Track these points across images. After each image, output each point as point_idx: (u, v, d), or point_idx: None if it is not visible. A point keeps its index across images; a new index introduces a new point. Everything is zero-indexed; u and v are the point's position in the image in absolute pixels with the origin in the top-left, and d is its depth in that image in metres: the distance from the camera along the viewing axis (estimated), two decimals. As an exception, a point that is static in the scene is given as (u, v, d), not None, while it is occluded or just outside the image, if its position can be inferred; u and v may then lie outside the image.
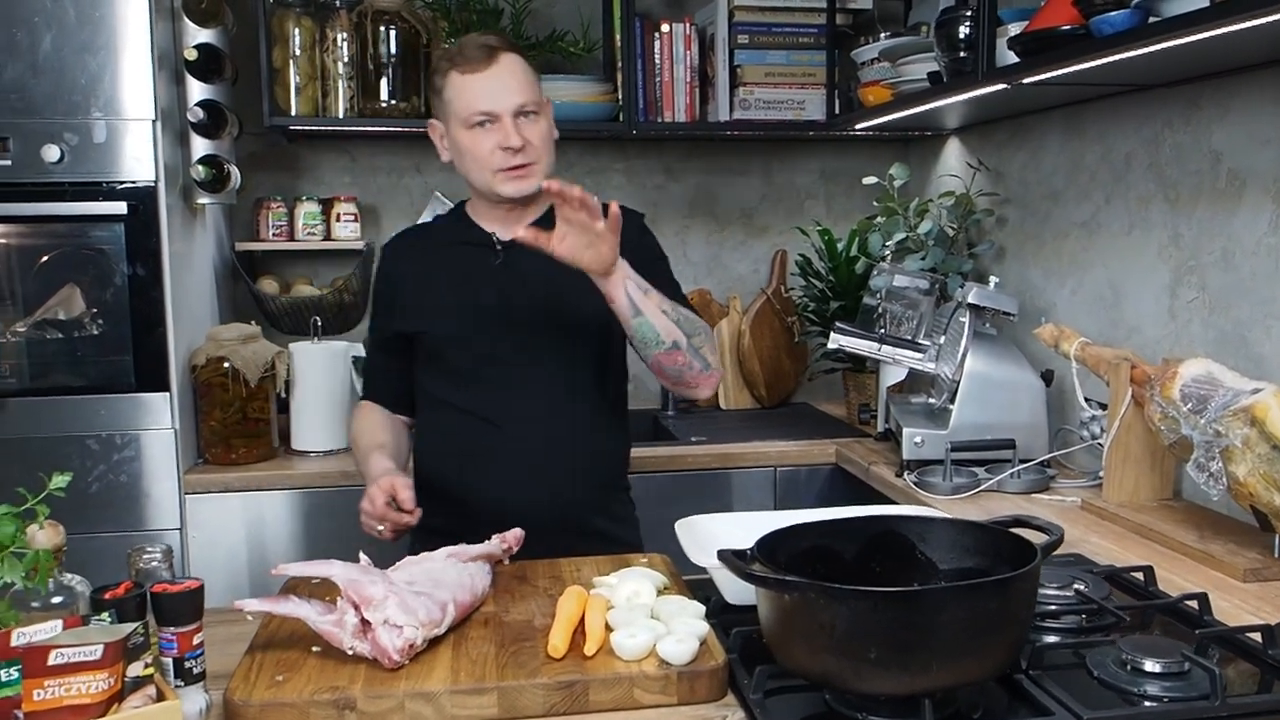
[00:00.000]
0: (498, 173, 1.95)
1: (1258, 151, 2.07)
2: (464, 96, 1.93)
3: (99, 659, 1.08)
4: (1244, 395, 1.77)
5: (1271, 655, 1.41)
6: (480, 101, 1.92)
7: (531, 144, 1.94)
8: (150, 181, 2.53)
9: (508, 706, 1.29)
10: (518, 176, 1.95)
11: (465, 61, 1.93)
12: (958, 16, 2.39)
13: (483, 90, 1.92)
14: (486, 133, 1.93)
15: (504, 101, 1.92)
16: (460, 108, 1.94)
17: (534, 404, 2.01)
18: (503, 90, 1.92)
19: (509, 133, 1.91)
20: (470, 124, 1.93)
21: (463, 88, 1.93)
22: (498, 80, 1.92)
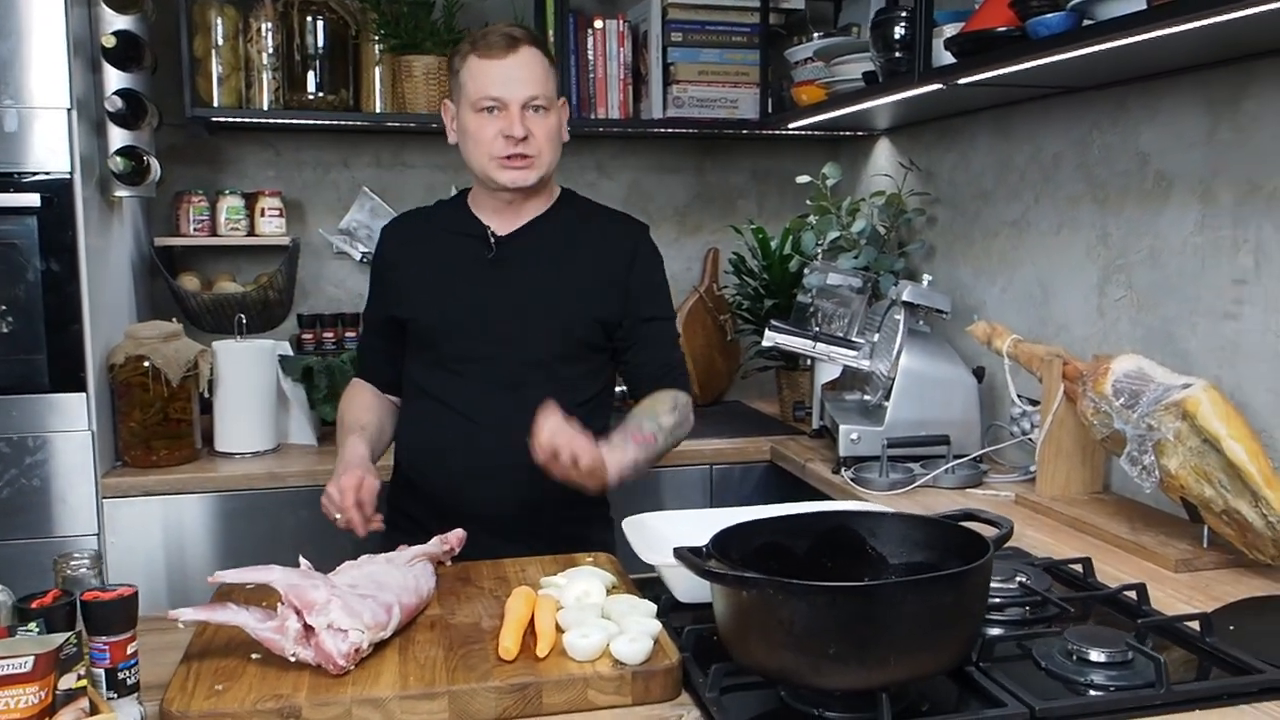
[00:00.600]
0: (495, 159, 1.95)
1: (1185, 153, 2.11)
2: (477, 80, 1.94)
3: (29, 671, 1.02)
4: (1175, 390, 1.80)
5: (1209, 643, 1.44)
6: (492, 87, 1.92)
7: (535, 137, 1.94)
8: (65, 173, 2.43)
9: (459, 711, 1.26)
10: (515, 167, 1.95)
11: (486, 47, 1.93)
12: (894, 17, 2.40)
13: (497, 77, 1.92)
14: (493, 119, 1.93)
15: (515, 91, 1.92)
16: (471, 90, 1.94)
17: (515, 402, 1.94)
18: (516, 80, 1.93)
19: (513, 121, 1.92)
20: (479, 108, 1.94)
21: (478, 71, 1.94)
22: (514, 69, 1.93)
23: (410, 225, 2.16)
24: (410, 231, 2.13)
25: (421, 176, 3.40)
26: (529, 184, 1.97)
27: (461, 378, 2.01)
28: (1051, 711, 1.25)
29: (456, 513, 1.92)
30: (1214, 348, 2.04)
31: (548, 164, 1.99)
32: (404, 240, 2.11)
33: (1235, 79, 1.98)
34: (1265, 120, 1.92)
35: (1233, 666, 1.38)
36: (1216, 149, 2.03)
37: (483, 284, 2.01)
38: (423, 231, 2.11)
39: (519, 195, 2.01)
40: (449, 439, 2.00)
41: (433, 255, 2.06)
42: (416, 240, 2.10)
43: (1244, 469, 1.68)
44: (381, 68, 3.10)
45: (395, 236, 2.14)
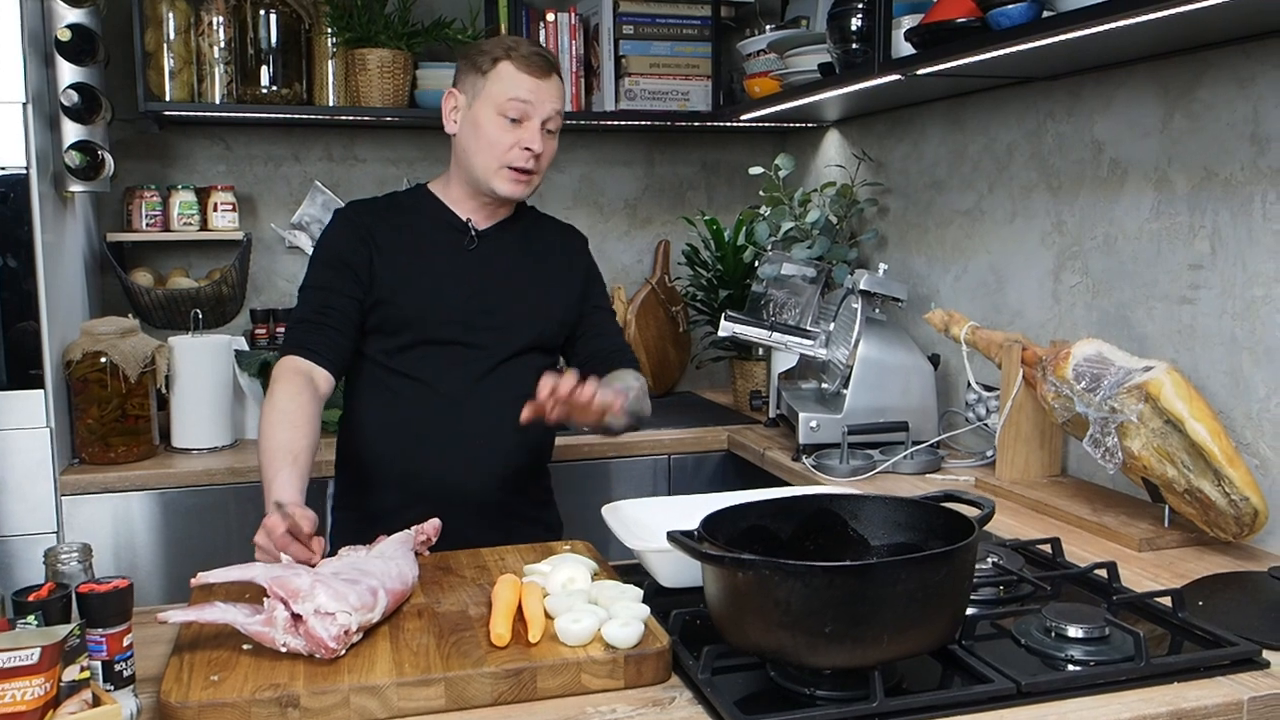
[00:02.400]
0: (504, 168, 1.99)
1: (1139, 141, 2.16)
2: (510, 84, 1.97)
3: (35, 663, 1.02)
4: (1137, 373, 1.85)
5: (1181, 618, 1.48)
6: (523, 92, 1.97)
7: (543, 156, 2.01)
8: (21, 168, 2.39)
9: (455, 697, 1.26)
10: (518, 180, 2.01)
11: (524, 60, 1.99)
12: (850, 9, 2.43)
13: (532, 88, 1.98)
14: (513, 129, 1.98)
15: (543, 107, 1.98)
16: (500, 92, 1.97)
17: (491, 388, 2.02)
18: (546, 98, 1.99)
19: (535, 135, 1.97)
20: (504, 112, 1.97)
21: (513, 77, 1.97)
22: (546, 89, 2.00)
23: (375, 211, 2.11)
24: (376, 215, 2.09)
25: (373, 170, 3.38)
26: (524, 197, 2.06)
27: (442, 361, 2.02)
28: (1037, 686, 1.28)
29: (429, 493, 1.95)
30: (1170, 331, 2.10)
31: (539, 182, 2.07)
32: (373, 223, 2.06)
33: (1189, 68, 2.03)
34: (1219, 109, 1.98)
35: (1205, 640, 1.42)
36: (1171, 137, 2.09)
37: (464, 271, 2.05)
38: (392, 218, 2.09)
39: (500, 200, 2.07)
40: (428, 421, 2.01)
41: (410, 241, 2.06)
42: (387, 226, 2.07)
43: (1206, 448, 1.73)
44: (335, 61, 3.07)
45: (362, 219, 2.07)
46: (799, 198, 3.07)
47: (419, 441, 2.02)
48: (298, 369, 1.93)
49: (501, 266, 2.08)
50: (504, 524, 2.02)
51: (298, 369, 1.93)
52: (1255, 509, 1.74)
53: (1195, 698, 1.29)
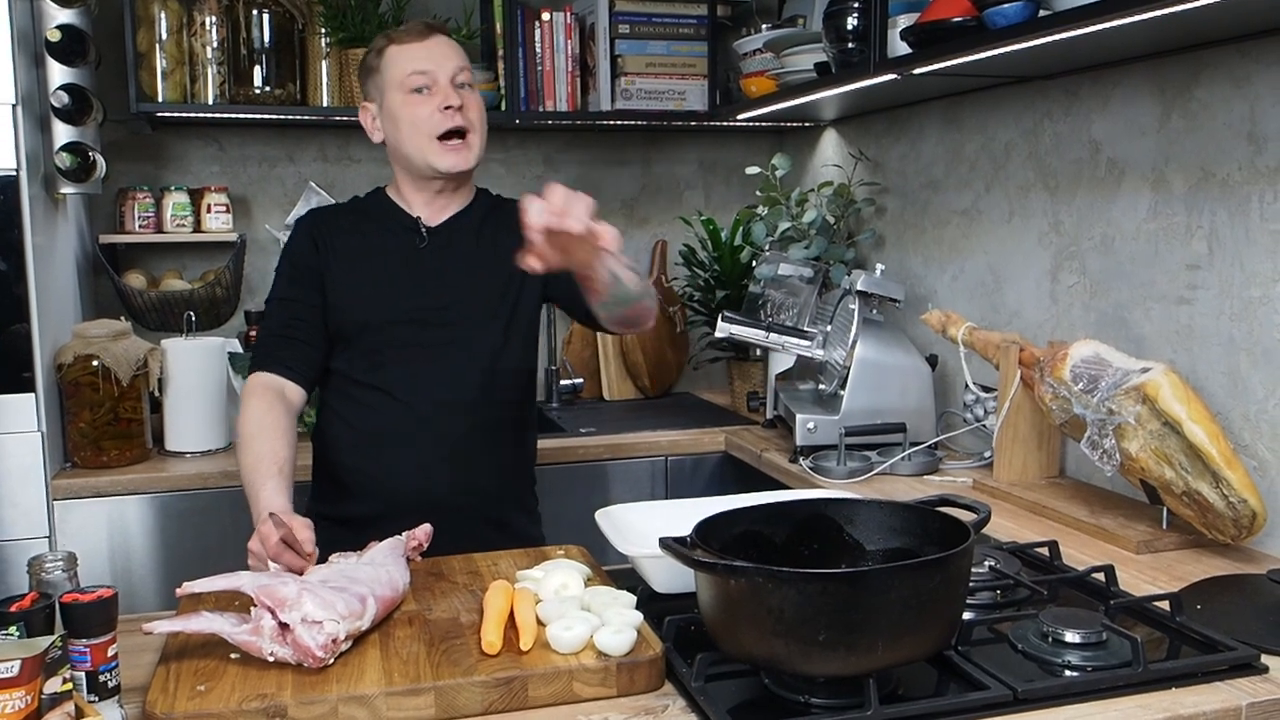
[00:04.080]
0: (434, 141, 1.94)
1: (1136, 141, 2.15)
2: (401, 62, 1.94)
3: (16, 675, 1.00)
4: (1135, 375, 1.84)
5: (1179, 622, 1.47)
6: (419, 63, 1.93)
7: (467, 111, 1.94)
8: (11, 170, 2.37)
9: (445, 706, 1.25)
10: (454, 148, 1.95)
11: (403, 35, 1.96)
12: (846, 8, 2.42)
13: (422, 55, 1.94)
14: (425, 98, 1.93)
15: (443, 65, 1.94)
16: (397, 73, 1.94)
17: (456, 390, 1.98)
18: (441, 57, 1.95)
19: (448, 93, 1.92)
20: (408, 88, 1.93)
21: (400, 55, 1.95)
22: (436, 49, 1.95)
23: (332, 218, 2.10)
24: (334, 222, 2.07)
25: (367, 170, 3.36)
26: (468, 167, 1.98)
27: (402, 367, 1.98)
28: (1033, 693, 1.27)
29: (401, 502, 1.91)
30: (1168, 332, 2.08)
31: (481, 144, 2.00)
32: (329, 231, 2.05)
33: (1186, 67, 2.02)
34: (1216, 108, 1.96)
35: (1203, 644, 1.41)
36: (1168, 137, 2.07)
37: (418, 271, 2.01)
38: (347, 223, 2.06)
39: (449, 185, 2.03)
40: (392, 428, 1.97)
41: (363, 246, 2.02)
42: (343, 231, 2.05)
43: (1204, 450, 1.72)
44: (328, 61, 3.06)
45: (318, 228, 2.06)
46: (796, 198, 3.06)
47: (386, 450, 1.97)
48: (267, 385, 1.93)
49: (455, 262, 2.02)
50: (480, 532, 1.94)
51: (267, 385, 1.93)
52: (1253, 511, 1.72)
53: (1193, 703, 1.28)
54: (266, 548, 1.60)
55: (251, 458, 1.79)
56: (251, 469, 1.78)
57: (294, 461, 1.84)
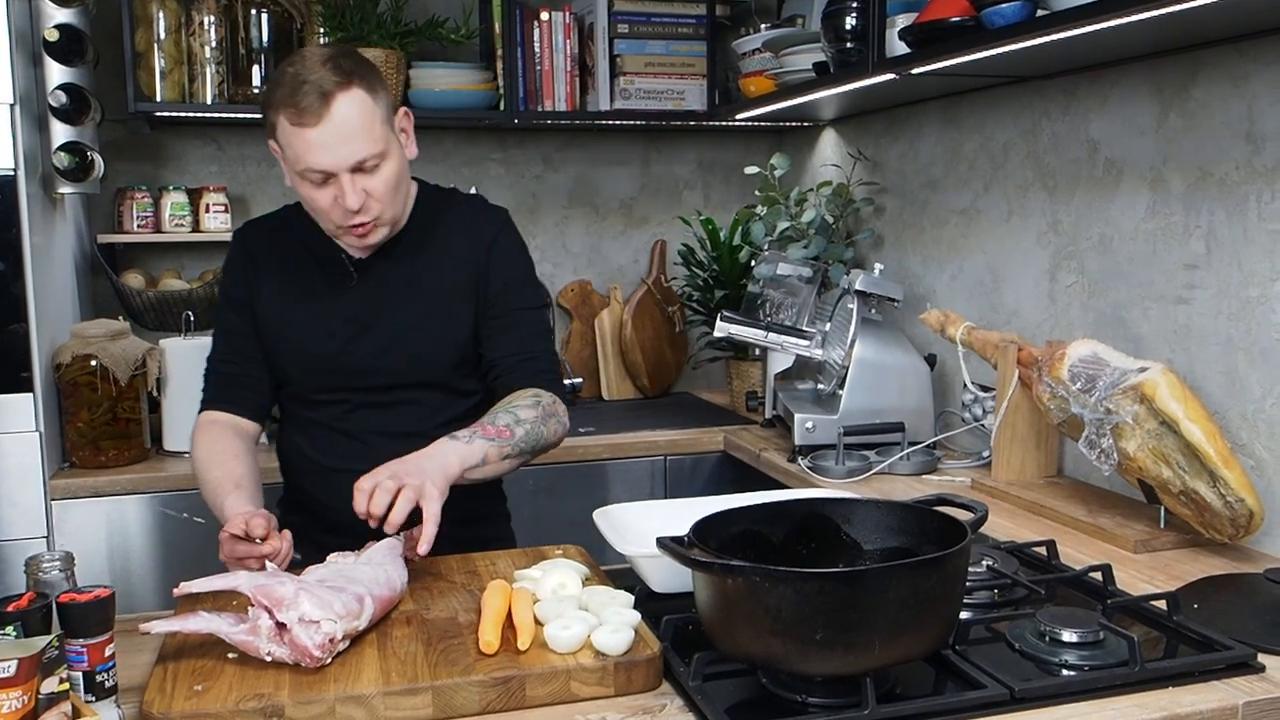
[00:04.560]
0: (338, 228, 1.79)
1: (1134, 141, 2.15)
2: (295, 149, 1.71)
3: (12, 675, 1.00)
4: (1132, 374, 1.84)
5: (1176, 621, 1.47)
6: (312, 159, 1.70)
7: (372, 198, 1.75)
8: (9, 169, 2.37)
9: (443, 706, 1.25)
10: (360, 235, 1.79)
11: (297, 112, 1.68)
12: (845, 8, 2.42)
13: (315, 146, 1.69)
14: (323, 189, 1.74)
15: (338, 160, 1.70)
16: (293, 159, 1.74)
17: (396, 421, 1.88)
18: (338, 146, 1.70)
19: (345, 192, 1.72)
20: (305, 178, 1.74)
21: (294, 140, 1.70)
22: (333, 134, 1.69)
23: (265, 236, 1.97)
24: (267, 244, 1.95)
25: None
26: (378, 243, 1.83)
27: (339, 406, 1.90)
28: (1031, 692, 1.27)
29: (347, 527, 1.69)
30: (1166, 332, 2.08)
31: (394, 215, 1.82)
32: (262, 254, 1.93)
33: (1184, 67, 2.02)
34: (1214, 108, 1.96)
35: (1200, 644, 1.41)
36: (1166, 136, 2.07)
37: (347, 317, 1.87)
38: (279, 246, 1.94)
39: None
40: (336, 460, 1.88)
41: (292, 283, 1.90)
42: (275, 256, 1.93)
43: (1201, 449, 1.72)
44: (327, 60, 3.05)
45: (252, 249, 1.95)
46: (795, 197, 3.06)
47: (331, 480, 1.85)
48: (215, 420, 1.91)
49: (387, 302, 1.88)
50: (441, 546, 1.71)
51: (215, 420, 1.91)
52: (1250, 510, 1.72)
53: (1190, 703, 1.28)
54: (233, 550, 1.61)
55: (209, 486, 1.79)
56: (211, 494, 1.78)
57: (255, 475, 1.82)
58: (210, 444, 1.85)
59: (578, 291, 3.54)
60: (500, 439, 1.71)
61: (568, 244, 3.57)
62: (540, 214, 3.53)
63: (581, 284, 3.55)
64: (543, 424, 1.79)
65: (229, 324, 1.95)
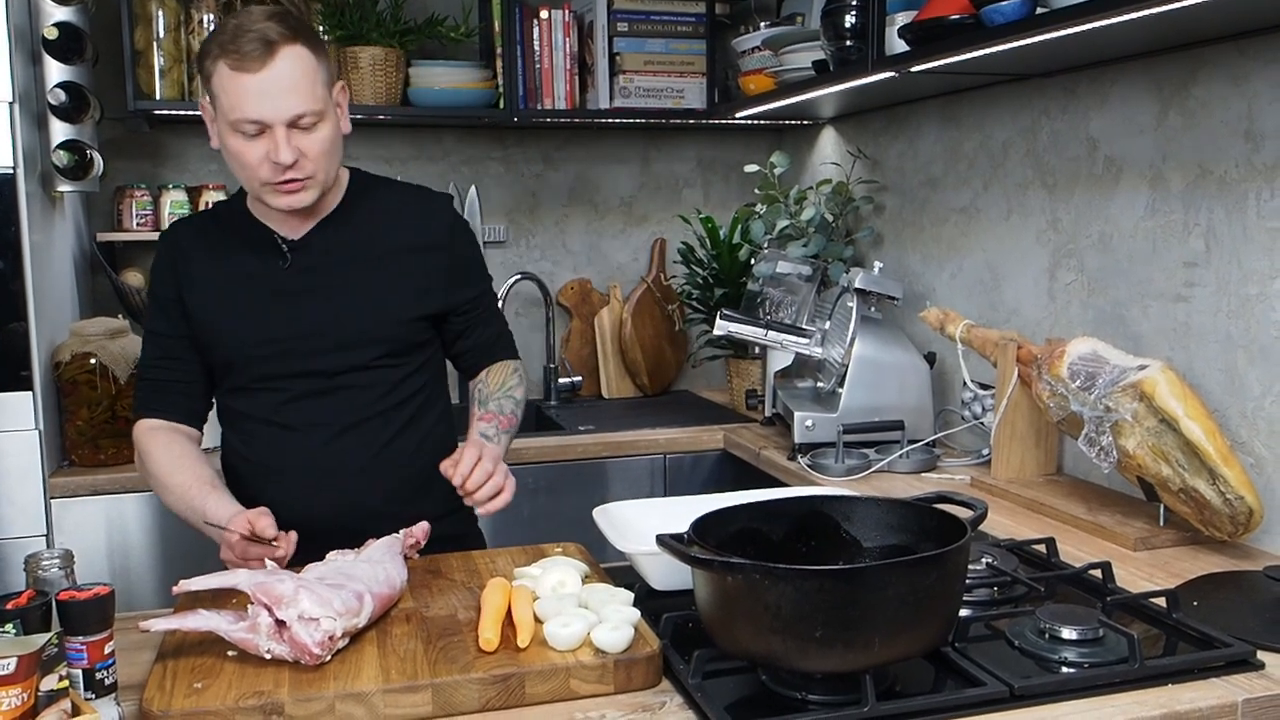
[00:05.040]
0: (266, 184, 1.73)
1: (1133, 139, 2.15)
2: (231, 96, 1.66)
3: (11, 673, 1.00)
4: (1131, 372, 1.84)
5: (1175, 619, 1.47)
6: (249, 108, 1.65)
7: (306, 156, 1.70)
8: (8, 167, 2.37)
9: (442, 703, 1.25)
10: (289, 190, 1.73)
11: (238, 56, 1.64)
12: (844, 6, 2.42)
13: (253, 93, 1.65)
14: (255, 142, 1.68)
15: (277, 111, 1.66)
16: (227, 108, 1.68)
17: (339, 413, 1.83)
18: (278, 96, 1.66)
19: (279, 145, 1.67)
20: (237, 129, 1.68)
21: (231, 86, 1.66)
22: (273, 84, 1.65)
23: (194, 231, 1.91)
24: (196, 239, 1.89)
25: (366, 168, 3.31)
26: (308, 204, 1.77)
27: (279, 393, 1.83)
28: (1030, 689, 1.27)
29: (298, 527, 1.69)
30: (1166, 329, 2.08)
31: (326, 177, 1.77)
32: (191, 250, 1.87)
33: (1184, 65, 2.02)
34: (1213, 106, 1.96)
35: (1200, 641, 1.41)
36: (1166, 134, 2.07)
37: (284, 297, 1.82)
38: (210, 239, 1.88)
39: None
40: (280, 458, 1.84)
41: (224, 268, 1.84)
42: (205, 250, 1.87)
43: (1201, 447, 1.72)
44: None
45: (181, 245, 1.89)
46: (795, 195, 3.06)
47: (273, 478, 1.84)
48: (155, 427, 1.87)
49: (324, 280, 1.83)
50: None
51: (155, 427, 1.87)
52: (1250, 508, 1.73)
53: (1189, 700, 1.28)
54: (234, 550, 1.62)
55: (176, 491, 1.77)
56: (182, 498, 1.76)
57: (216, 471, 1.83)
58: (163, 449, 1.82)
59: (577, 290, 3.54)
60: (513, 428, 1.90)
61: (567, 242, 3.57)
62: (540, 212, 3.53)
63: (581, 282, 3.55)
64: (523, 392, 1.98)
65: (156, 327, 1.90)
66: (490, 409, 1.89)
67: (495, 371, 1.98)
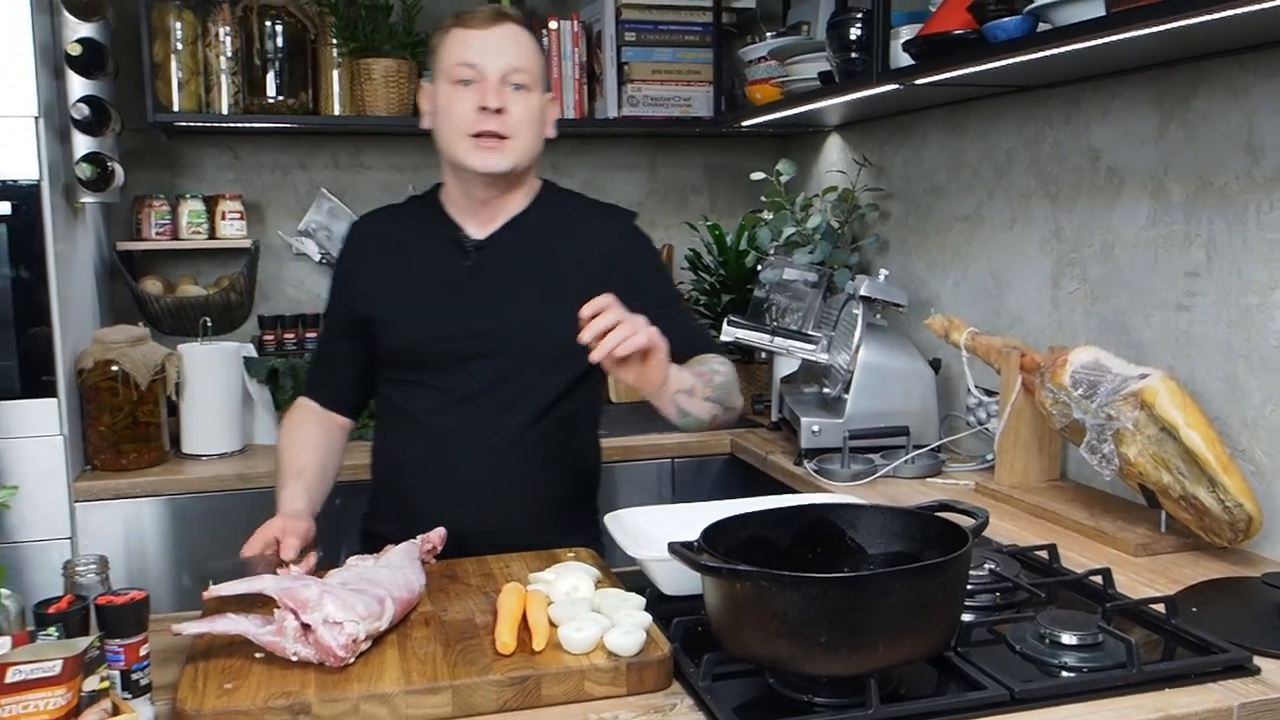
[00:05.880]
0: (467, 138, 1.79)
1: (1135, 150, 2.19)
2: (454, 47, 1.80)
3: (57, 674, 1.05)
4: (1133, 380, 1.88)
5: (1174, 624, 1.51)
6: (469, 53, 1.79)
7: (511, 114, 1.79)
8: (33, 180, 2.42)
9: (462, 704, 1.29)
10: (487, 147, 1.79)
11: (470, 19, 1.82)
12: (850, 19, 2.46)
13: (475, 44, 1.79)
14: (467, 92, 1.79)
15: (494, 61, 1.78)
16: (446, 57, 1.81)
17: (498, 420, 1.86)
18: (496, 49, 1.79)
19: (490, 91, 1.77)
20: (453, 78, 1.79)
21: (456, 39, 1.81)
22: (495, 40, 1.80)
23: (379, 225, 2.00)
24: (379, 232, 1.97)
25: (379, 177, 3.41)
26: (501, 169, 1.81)
27: (441, 394, 1.88)
28: (1030, 693, 1.31)
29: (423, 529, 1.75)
30: (1167, 338, 2.12)
31: (524, 149, 1.82)
32: (373, 243, 1.96)
33: (1185, 78, 2.06)
34: (1214, 119, 2.00)
35: (1197, 646, 1.45)
36: (1167, 146, 2.11)
37: (461, 293, 1.88)
38: (393, 232, 1.96)
39: (494, 190, 1.86)
40: (428, 458, 1.89)
41: (404, 262, 1.91)
42: (386, 243, 1.94)
43: (1201, 456, 1.76)
44: (340, 71, 3.11)
45: (363, 237, 1.99)
46: (801, 202, 3.10)
47: (416, 482, 1.90)
48: (307, 406, 2.03)
49: (503, 282, 1.87)
50: None
51: (307, 406, 2.03)
52: (1249, 515, 1.76)
53: (1185, 704, 1.32)
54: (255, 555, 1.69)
55: (279, 469, 1.92)
56: (279, 472, 1.91)
57: (322, 466, 1.92)
58: (291, 429, 1.98)
59: (587, 296, 3.58)
60: (703, 380, 1.79)
61: (577, 249, 3.61)
62: (550, 219, 3.57)
63: (591, 288, 3.59)
64: (735, 384, 1.88)
65: (329, 313, 2.04)
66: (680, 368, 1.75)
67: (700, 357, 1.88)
